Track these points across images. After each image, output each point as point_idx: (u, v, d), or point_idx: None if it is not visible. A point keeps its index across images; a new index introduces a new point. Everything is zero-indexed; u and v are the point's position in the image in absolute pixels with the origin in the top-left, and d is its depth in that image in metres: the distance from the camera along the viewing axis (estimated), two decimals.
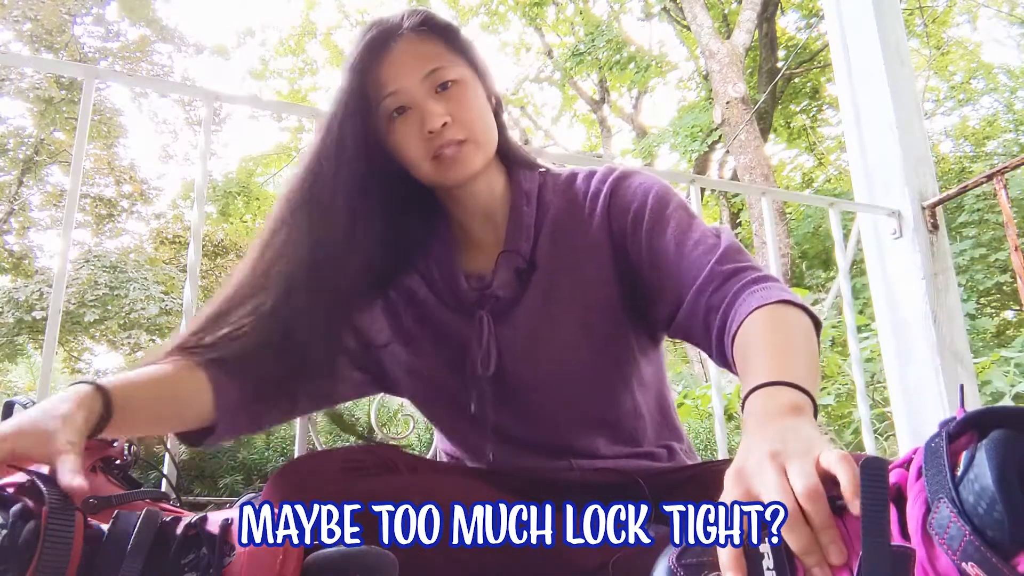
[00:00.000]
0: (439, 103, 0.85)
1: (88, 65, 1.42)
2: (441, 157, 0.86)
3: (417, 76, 0.85)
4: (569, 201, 0.96)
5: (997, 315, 8.74)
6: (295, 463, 0.78)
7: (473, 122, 0.87)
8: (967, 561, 0.39)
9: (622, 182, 0.94)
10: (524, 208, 0.94)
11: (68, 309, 9.21)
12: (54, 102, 10.17)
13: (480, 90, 0.90)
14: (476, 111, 0.88)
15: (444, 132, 0.85)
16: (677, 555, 0.53)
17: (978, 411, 0.43)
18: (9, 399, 1.05)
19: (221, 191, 12.04)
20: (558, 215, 0.95)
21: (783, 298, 0.73)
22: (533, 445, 0.96)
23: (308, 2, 12.58)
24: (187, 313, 1.33)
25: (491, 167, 0.93)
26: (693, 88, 11.71)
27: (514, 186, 0.96)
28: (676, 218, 0.88)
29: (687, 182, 1.88)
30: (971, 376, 2.02)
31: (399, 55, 0.86)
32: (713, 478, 0.90)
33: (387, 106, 0.86)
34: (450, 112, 0.85)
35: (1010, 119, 10.65)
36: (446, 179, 0.88)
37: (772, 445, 0.52)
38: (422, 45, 0.87)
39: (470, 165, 0.87)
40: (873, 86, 2.21)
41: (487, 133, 0.89)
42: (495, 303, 0.92)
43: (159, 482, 1.23)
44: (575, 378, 0.93)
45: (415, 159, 0.87)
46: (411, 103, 0.86)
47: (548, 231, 0.93)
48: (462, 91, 0.87)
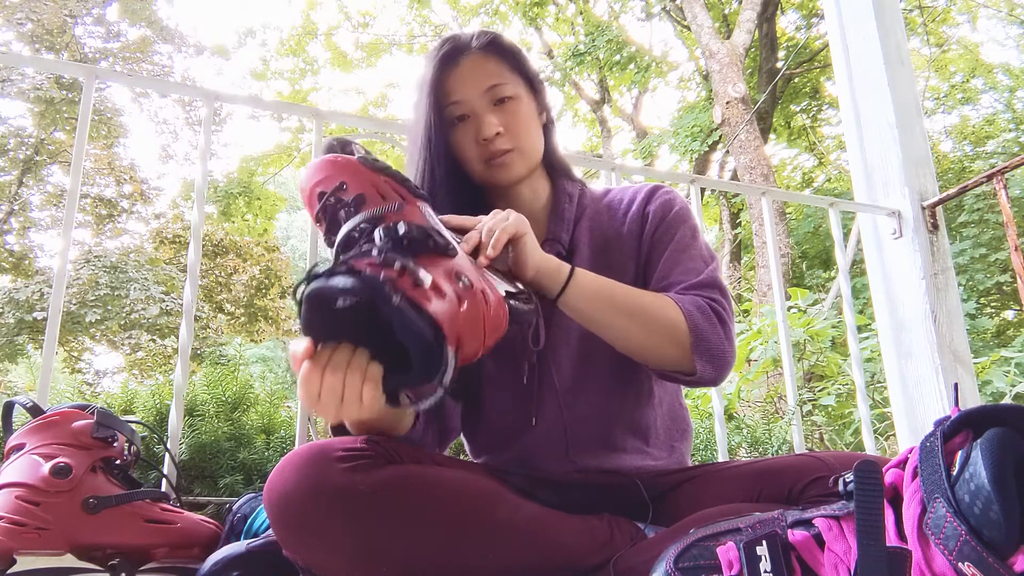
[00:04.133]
0: (495, 115, 0.99)
1: (88, 65, 1.42)
2: (492, 162, 1.00)
3: (479, 89, 0.99)
4: (607, 205, 1.09)
5: (997, 315, 8.73)
6: (293, 454, 0.78)
7: (521, 135, 1.00)
8: (963, 561, 0.39)
9: (658, 190, 1.07)
10: (566, 205, 1.07)
11: (69, 309, 9.21)
12: (54, 102, 10.17)
13: (533, 108, 1.04)
14: (525, 126, 1.01)
15: (496, 140, 0.99)
16: (675, 558, 0.53)
17: (973, 409, 0.43)
18: (9, 399, 1.05)
19: (222, 191, 12.02)
20: (596, 215, 1.07)
21: (691, 309, 0.90)
22: (564, 418, 0.99)
23: (309, 2, 12.57)
24: (187, 313, 1.33)
25: (537, 174, 1.07)
26: (693, 88, 11.70)
27: (557, 190, 1.09)
28: (680, 237, 1.01)
29: (687, 182, 1.88)
30: (971, 376, 2.02)
31: (465, 70, 0.99)
32: (712, 480, 0.91)
33: (451, 112, 1.00)
34: (503, 124, 0.99)
35: (1010, 119, 10.63)
36: (494, 180, 1.02)
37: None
38: (487, 63, 1.00)
39: (515, 171, 1.01)
40: (873, 86, 2.21)
41: (533, 145, 1.03)
42: None
43: (159, 482, 1.23)
44: (604, 357, 0.98)
45: (471, 160, 1.01)
46: (471, 112, 1.00)
47: (586, 225, 1.06)
48: (516, 107, 1.01)
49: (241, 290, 11.61)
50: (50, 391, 1.23)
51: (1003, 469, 0.39)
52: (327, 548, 0.73)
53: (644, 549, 0.79)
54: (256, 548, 0.88)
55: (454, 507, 0.77)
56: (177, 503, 1.08)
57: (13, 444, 0.95)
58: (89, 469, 0.93)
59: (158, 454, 1.38)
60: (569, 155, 1.06)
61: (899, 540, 0.44)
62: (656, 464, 0.99)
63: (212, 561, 0.88)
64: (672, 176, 2.49)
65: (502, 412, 1.02)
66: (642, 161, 10.10)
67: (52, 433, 0.94)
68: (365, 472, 0.75)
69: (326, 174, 0.77)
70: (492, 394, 1.03)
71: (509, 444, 1.01)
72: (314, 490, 0.72)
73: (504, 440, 1.02)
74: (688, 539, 0.54)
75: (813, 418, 3.35)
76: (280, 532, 0.75)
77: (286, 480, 0.74)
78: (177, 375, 1.31)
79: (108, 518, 0.92)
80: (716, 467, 0.96)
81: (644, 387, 1.02)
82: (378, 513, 0.73)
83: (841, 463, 0.80)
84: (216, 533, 1.02)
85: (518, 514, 0.80)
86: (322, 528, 0.72)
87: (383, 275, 0.58)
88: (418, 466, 0.81)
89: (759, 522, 0.53)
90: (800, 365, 3.28)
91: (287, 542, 0.75)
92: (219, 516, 1.24)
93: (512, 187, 1.04)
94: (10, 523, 0.86)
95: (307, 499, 0.72)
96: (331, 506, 0.72)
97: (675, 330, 0.89)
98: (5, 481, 0.90)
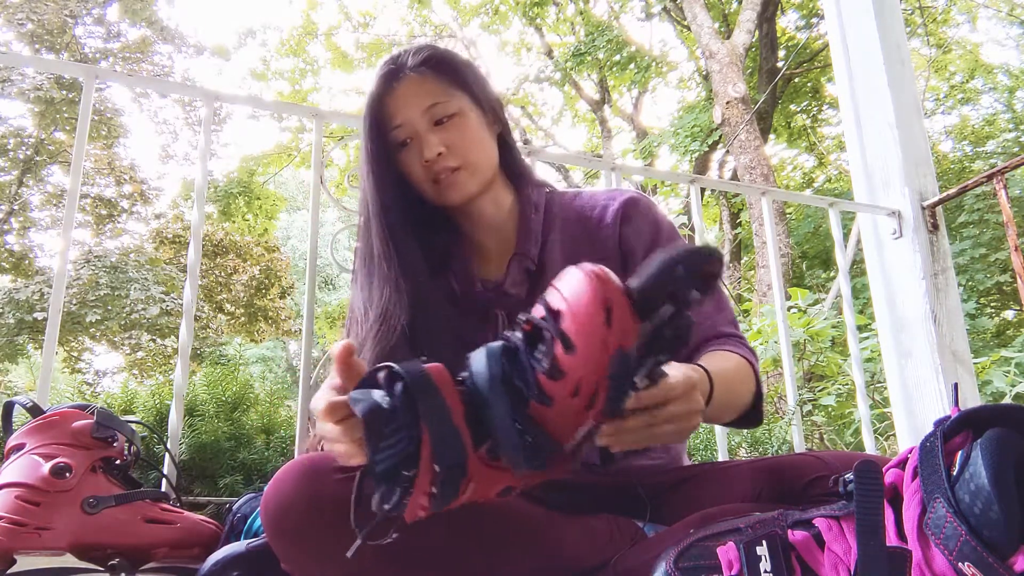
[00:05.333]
0: (436, 134, 0.97)
1: (88, 65, 1.42)
2: (439, 182, 0.98)
3: (418, 111, 0.97)
4: (577, 213, 1.05)
5: (997, 315, 8.73)
6: (290, 465, 0.77)
7: (467, 151, 0.98)
8: (963, 561, 0.39)
9: (635, 205, 1.04)
10: (532, 216, 1.04)
11: (69, 309, 9.20)
12: (54, 102, 10.16)
13: (480, 120, 1.01)
14: (471, 141, 0.98)
15: (439, 160, 0.96)
16: (675, 558, 0.53)
17: (972, 409, 0.44)
18: (9, 399, 1.05)
19: (222, 191, 12.02)
20: (566, 225, 1.04)
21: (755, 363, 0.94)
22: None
23: (309, 2, 12.57)
24: (187, 313, 1.33)
25: (496, 186, 1.04)
26: (693, 88, 11.70)
27: (522, 200, 1.06)
28: None
29: (687, 182, 1.88)
30: (971, 376, 2.02)
31: (403, 92, 0.97)
32: (712, 479, 0.91)
33: (395, 136, 0.98)
34: (445, 143, 0.96)
35: (1010, 119, 10.63)
36: (445, 200, 0.99)
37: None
38: (424, 82, 0.97)
39: (464, 189, 0.99)
40: (873, 86, 2.21)
41: (482, 159, 1.00)
42: (507, 300, 0.99)
43: (159, 482, 1.23)
44: None
45: (419, 182, 0.99)
46: (413, 134, 0.97)
47: (556, 237, 1.03)
48: (459, 123, 0.98)
49: (241, 290, 11.61)
50: (50, 391, 1.23)
51: (1003, 469, 0.39)
52: (325, 560, 0.72)
53: (644, 549, 0.79)
54: (256, 548, 0.87)
55: (453, 513, 0.77)
56: (177, 503, 1.08)
57: (13, 444, 0.95)
58: (89, 469, 0.93)
59: (158, 454, 1.38)
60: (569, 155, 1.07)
61: (899, 540, 0.44)
62: (654, 462, 0.99)
63: (212, 561, 0.88)
64: (672, 176, 2.49)
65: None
66: (642, 161, 10.09)
67: (52, 433, 0.94)
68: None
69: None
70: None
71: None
72: (312, 502, 0.72)
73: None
74: (688, 539, 0.54)
75: (813, 418, 3.35)
76: (277, 544, 0.74)
77: (283, 491, 0.73)
78: (177, 375, 1.31)
79: (108, 518, 0.92)
80: (716, 466, 0.96)
81: None
82: None
83: (841, 463, 0.80)
84: (216, 533, 1.02)
85: (518, 516, 0.80)
86: (320, 540, 0.72)
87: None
88: None
89: (759, 522, 0.53)
90: (800, 365, 3.28)
91: (284, 554, 0.74)
92: (219, 516, 1.24)
93: (470, 203, 1.02)
94: (10, 523, 0.86)
95: (305, 511, 0.72)
96: (328, 517, 0.71)
97: (750, 389, 0.91)
98: (5, 481, 0.90)
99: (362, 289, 0.99)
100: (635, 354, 0.56)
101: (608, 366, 0.55)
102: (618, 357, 0.55)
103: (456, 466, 0.55)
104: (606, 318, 0.54)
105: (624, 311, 0.55)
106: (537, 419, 0.57)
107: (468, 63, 1.05)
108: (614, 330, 0.55)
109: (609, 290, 0.55)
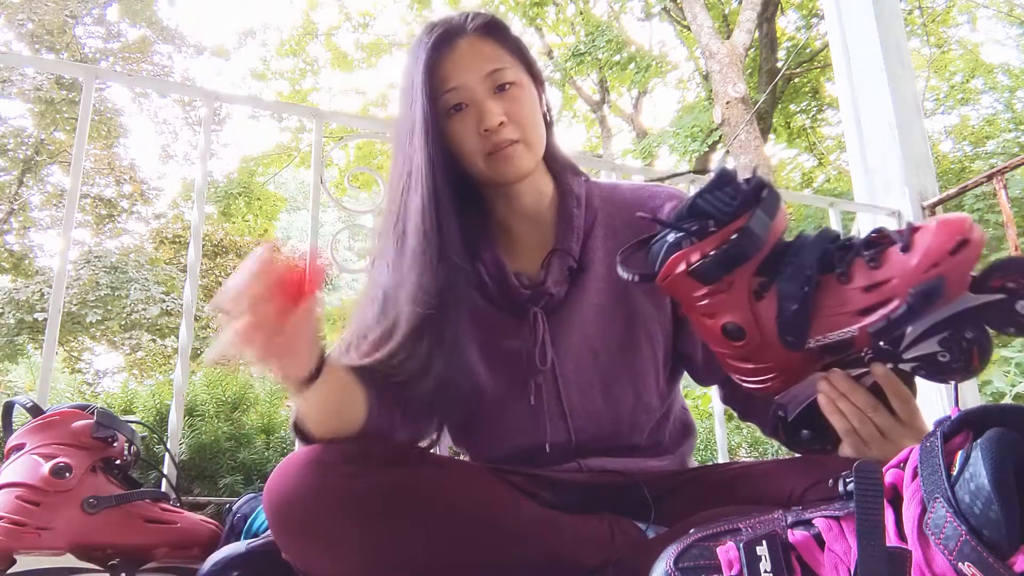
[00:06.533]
0: (497, 103, 0.88)
1: (88, 65, 1.42)
2: (495, 155, 0.89)
3: (478, 75, 0.88)
4: (619, 209, 0.99)
5: None
6: (293, 457, 0.77)
7: (527, 125, 0.90)
8: (963, 561, 0.39)
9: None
10: (575, 210, 0.97)
11: (69, 310, 9.20)
12: (54, 102, 10.17)
13: (536, 96, 0.93)
14: (530, 115, 0.91)
15: (500, 131, 0.88)
16: (675, 558, 0.53)
17: (973, 409, 0.44)
18: (9, 399, 1.05)
19: (222, 191, 12.01)
20: (608, 221, 0.98)
21: None
22: (572, 442, 0.95)
23: (309, 2, 12.57)
24: (187, 313, 1.33)
25: (539, 171, 0.96)
26: (693, 88, 11.70)
27: (563, 189, 0.98)
28: None
29: (687, 182, 1.88)
30: None
31: (462, 54, 0.89)
32: (713, 481, 0.91)
33: (447, 100, 0.89)
34: (506, 112, 0.88)
35: (1010, 119, 10.62)
36: (498, 175, 0.91)
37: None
38: (485, 46, 0.90)
39: (522, 164, 0.90)
40: (873, 86, 2.21)
41: (539, 136, 0.92)
42: (548, 300, 0.94)
43: (159, 482, 1.23)
44: (615, 377, 0.95)
45: (471, 154, 0.90)
46: (470, 100, 0.89)
47: (599, 233, 0.97)
48: (519, 94, 0.90)
49: None
50: (50, 391, 1.23)
51: (1003, 469, 0.39)
52: (328, 551, 0.72)
53: (645, 550, 0.78)
54: (256, 548, 0.88)
55: (456, 508, 0.76)
56: (177, 503, 1.08)
57: (13, 444, 0.95)
58: (89, 469, 0.93)
59: (158, 454, 1.38)
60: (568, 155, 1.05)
61: (899, 540, 0.44)
62: (660, 465, 0.99)
63: (212, 561, 0.88)
64: (672, 176, 2.49)
65: (509, 431, 0.97)
66: (642, 161, 10.09)
67: (52, 433, 0.94)
68: (367, 475, 0.74)
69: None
70: (498, 413, 0.97)
71: (513, 460, 0.97)
72: (316, 493, 0.72)
73: (509, 457, 0.97)
74: (688, 539, 0.54)
75: None
76: (281, 536, 0.74)
77: (287, 483, 0.73)
78: (177, 375, 1.31)
79: (108, 518, 0.92)
80: (717, 468, 0.96)
81: (653, 398, 0.98)
82: (380, 515, 0.72)
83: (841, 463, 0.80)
84: (216, 533, 1.02)
85: (520, 514, 0.80)
86: (324, 531, 0.71)
87: None
88: (420, 468, 0.80)
89: (759, 522, 0.53)
90: None
91: (288, 546, 0.74)
92: (219, 516, 1.24)
93: (515, 186, 0.94)
94: (10, 523, 0.86)
95: (309, 502, 0.72)
96: (333, 509, 0.71)
97: None
98: (5, 481, 0.90)
99: (394, 269, 0.88)
100: (945, 293, 0.56)
101: (919, 284, 0.55)
102: (932, 282, 0.55)
103: (740, 257, 0.62)
104: (953, 247, 0.56)
105: (969, 256, 0.56)
106: (817, 298, 0.60)
107: (523, 39, 0.98)
108: (949, 260, 0.56)
109: (969, 231, 0.57)
